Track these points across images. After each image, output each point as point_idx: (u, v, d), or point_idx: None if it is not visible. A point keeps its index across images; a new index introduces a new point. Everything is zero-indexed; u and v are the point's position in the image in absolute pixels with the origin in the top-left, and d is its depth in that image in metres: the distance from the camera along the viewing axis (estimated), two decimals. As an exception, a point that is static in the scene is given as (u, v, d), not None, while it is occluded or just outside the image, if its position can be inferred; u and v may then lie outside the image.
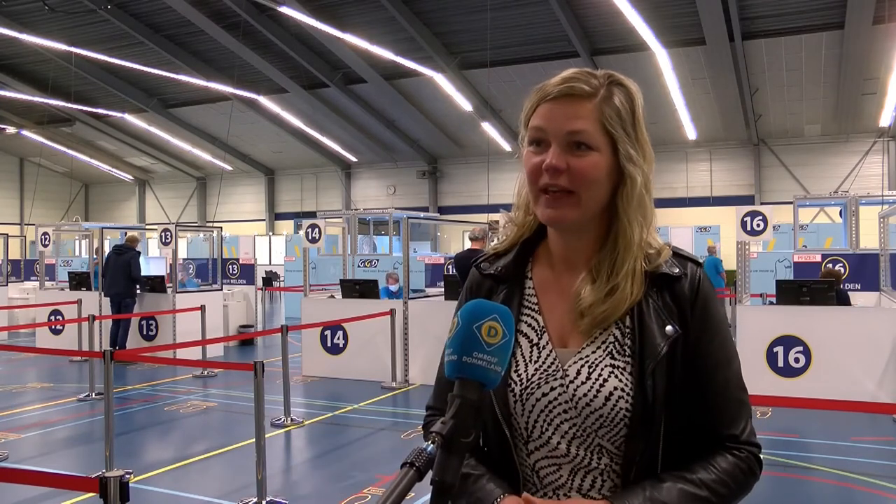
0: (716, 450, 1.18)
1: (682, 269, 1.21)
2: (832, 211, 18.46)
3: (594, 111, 1.15)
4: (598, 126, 1.15)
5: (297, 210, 28.70)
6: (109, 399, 5.18)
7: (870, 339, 6.94)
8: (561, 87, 1.16)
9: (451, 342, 1.00)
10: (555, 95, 1.16)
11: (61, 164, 30.94)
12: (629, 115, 1.17)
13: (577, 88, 1.15)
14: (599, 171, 1.15)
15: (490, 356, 0.98)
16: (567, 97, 1.15)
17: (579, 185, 1.15)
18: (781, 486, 4.82)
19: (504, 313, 1.01)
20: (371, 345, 8.76)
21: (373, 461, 5.58)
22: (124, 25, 18.11)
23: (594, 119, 1.15)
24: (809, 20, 15.75)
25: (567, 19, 16.00)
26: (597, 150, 1.15)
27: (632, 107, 1.18)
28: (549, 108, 1.16)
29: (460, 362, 0.98)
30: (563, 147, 1.15)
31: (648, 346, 1.16)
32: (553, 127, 1.15)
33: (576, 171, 1.14)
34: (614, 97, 1.16)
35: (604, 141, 1.15)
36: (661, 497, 1.11)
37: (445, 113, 22.08)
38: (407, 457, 0.91)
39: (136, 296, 10.41)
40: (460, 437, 0.94)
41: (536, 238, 1.30)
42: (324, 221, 9.93)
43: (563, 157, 1.14)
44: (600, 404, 1.15)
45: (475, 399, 0.97)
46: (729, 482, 1.15)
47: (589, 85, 1.16)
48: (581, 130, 1.14)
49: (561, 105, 1.15)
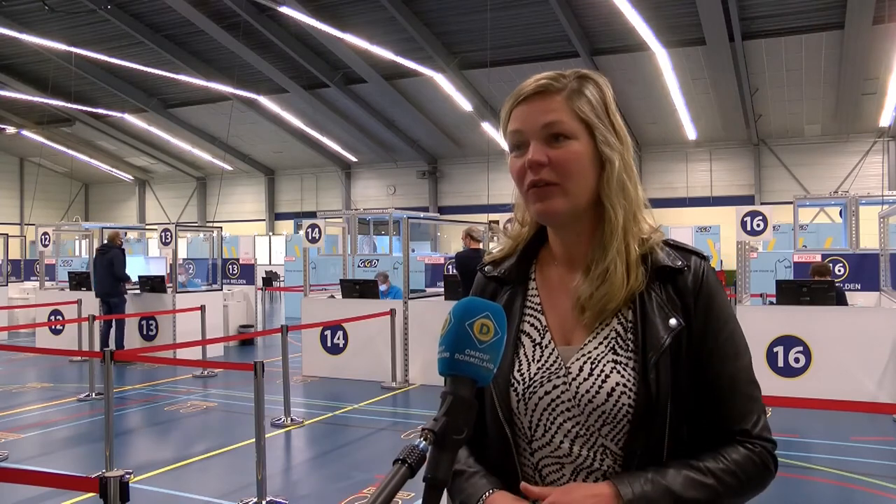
0: (728, 443, 1.16)
1: (685, 261, 1.21)
2: (832, 211, 18.46)
3: (565, 102, 1.18)
4: (571, 115, 1.17)
5: (297, 210, 28.71)
6: (109, 399, 5.18)
7: (870, 339, 6.94)
8: (531, 87, 1.19)
9: (443, 339, 1.00)
10: (526, 95, 1.19)
11: (61, 164, 30.94)
12: (601, 104, 1.20)
13: (545, 86, 1.18)
14: (580, 158, 1.17)
15: (482, 353, 0.98)
16: (537, 94, 1.18)
17: (563, 175, 1.16)
18: (781, 486, 4.82)
19: (496, 311, 1.01)
20: (371, 345, 8.76)
21: (373, 461, 5.58)
22: (124, 25, 18.11)
23: (567, 109, 1.17)
24: (809, 20, 15.75)
25: (567, 19, 16.00)
26: (574, 138, 1.17)
27: (602, 97, 1.20)
28: (522, 109, 1.19)
29: (452, 359, 0.98)
30: (542, 141, 1.17)
31: (651, 339, 1.15)
32: (528, 125, 1.18)
33: (557, 162, 1.16)
34: (584, 89, 1.19)
35: (580, 129, 1.17)
36: (663, 481, 1.10)
37: (445, 113, 22.09)
38: (399, 454, 0.91)
39: (123, 294, 10.36)
40: (452, 434, 0.94)
41: (539, 240, 1.30)
42: (324, 221, 9.93)
43: (542, 150, 1.16)
44: (602, 400, 1.14)
45: (467, 396, 0.97)
46: (738, 473, 1.13)
47: (557, 81, 1.19)
48: (555, 121, 1.16)
49: (533, 103, 1.18)
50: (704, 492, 1.11)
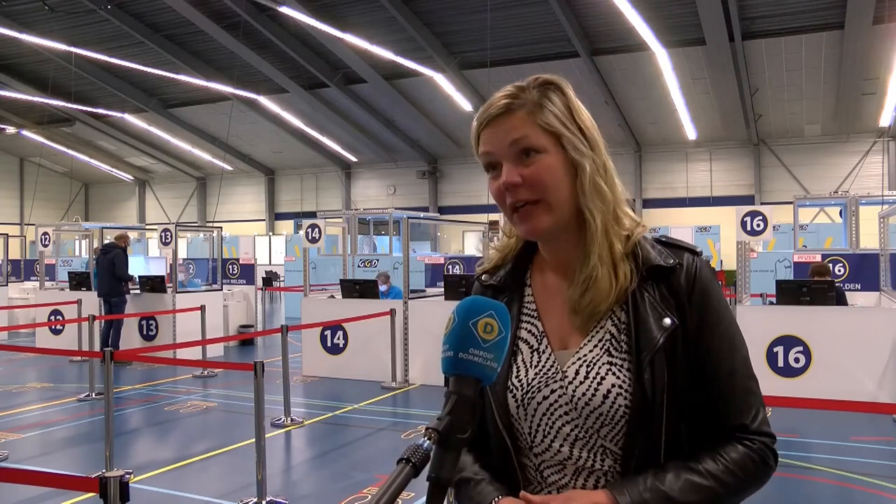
0: (726, 441, 1.16)
1: (676, 259, 1.20)
2: (832, 211, 18.46)
3: (528, 117, 1.17)
4: (537, 129, 1.17)
5: (297, 210, 28.71)
6: (109, 399, 5.18)
7: (870, 339, 6.94)
8: (493, 108, 1.19)
9: (447, 338, 1.01)
10: (487, 120, 1.19)
11: (61, 164, 30.94)
12: (565, 110, 1.19)
13: (506, 105, 1.18)
14: (553, 171, 1.16)
15: (486, 352, 0.98)
16: (501, 115, 1.18)
17: (540, 191, 1.16)
18: (781, 486, 4.82)
19: (500, 310, 1.02)
20: (371, 345, 8.76)
21: (373, 461, 5.58)
22: (124, 25, 18.12)
23: (531, 124, 1.17)
24: (809, 20, 15.75)
25: (567, 19, 16.00)
26: (544, 151, 1.17)
27: (566, 102, 1.20)
28: (489, 131, 1.19)
29: (456, 358, 0.98)
30: (513, 160, 1.17)
31: (644, 339, 1.15)
32: (496, 147, 1.18)
33: (531, 180, 1.16)
34: (545, 98, 1.19)
35: (548, 141, 1.17)
36: (661, 486, 1.10)
37: (445, 113, 22.09)
38: (403, 453, 0.91)
39: (124, 294, 10.37)
40: (456, 433, 0.94)
41: (532, 246, 1.31)
42: (324, 221, 9.94)
43: (514, 171, 1.16)
44: (599, 403, 1.14)
45: (471, 395, 0.97)
46: (737, 472, 1.13)
47: (518, 98, 1.18)
48: (520, 137, 1.16)
49: (497, 124, 1.18)
50: (703, 494, 1.11)
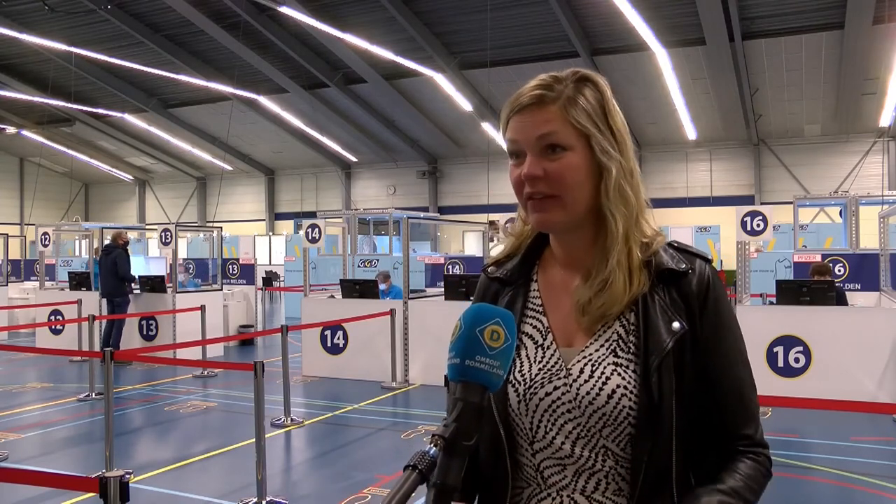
0: (735, 454, 1.16)
1: (689, 264, 1.20)
2: (832, 211, 18.45)
3: (560, 112, 1.16)
4: (567, 125, 1.16)
5: (297, 210, 28.70)
6: (109, 399, 5.18)
7: (870, 339, 6.94)
8: (525, 97, 1.18)
9: (453, 345, 1.00)
10: (521, 107, 1.18)
11: (61, 164, 30.93)
12: (599, 109, 1.18)
13: (540, 96, 1.17)
14: (576, 170, 1.16)
15: (493, 360, 0.98)
16: (533, 105, 1.17)
17: (559, 188, 1.16)
18: (781, 486, 4.82)
19: (507, 317, 1.01)
20: (371, 345, 8.76)
21: (373, 461, 5.58)
22: (124, 25, 18.11)
23: (562, 120, 1.16)
24: (809, 20, 15.75)
25: (567, 19, 16.00)
26: (571, 149, 1.16)
27: (601, 100, 1.19)
28: (518, 119, 1.18)
29: (463, 366, 0.98)
30: (538, 153, 1.16)
31: (653, 342, 1.15)
32: (524, 137, 1.17)
33: (553, 175, 1.15)
34: (580, 95, 1.18)
35: (577, 139, 1.16)
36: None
37: (445, 113, 22.09)
38: (409, 459, 0.92)
39: (126, 294, 10.38)
40: (462, 439, 0.95)
41: (542, 241, 1.30)
42: (324, 221, 9.93)
43: (538, 164, 1.16)
44: (603, 402, 1.14)
45: (477, 402, 0.98)
46: (755, 487, 1.14)
47: (552, 90, 1.17)
48: (549, 132, 1.15)
49: (528, 114, 1.17)
50: None
